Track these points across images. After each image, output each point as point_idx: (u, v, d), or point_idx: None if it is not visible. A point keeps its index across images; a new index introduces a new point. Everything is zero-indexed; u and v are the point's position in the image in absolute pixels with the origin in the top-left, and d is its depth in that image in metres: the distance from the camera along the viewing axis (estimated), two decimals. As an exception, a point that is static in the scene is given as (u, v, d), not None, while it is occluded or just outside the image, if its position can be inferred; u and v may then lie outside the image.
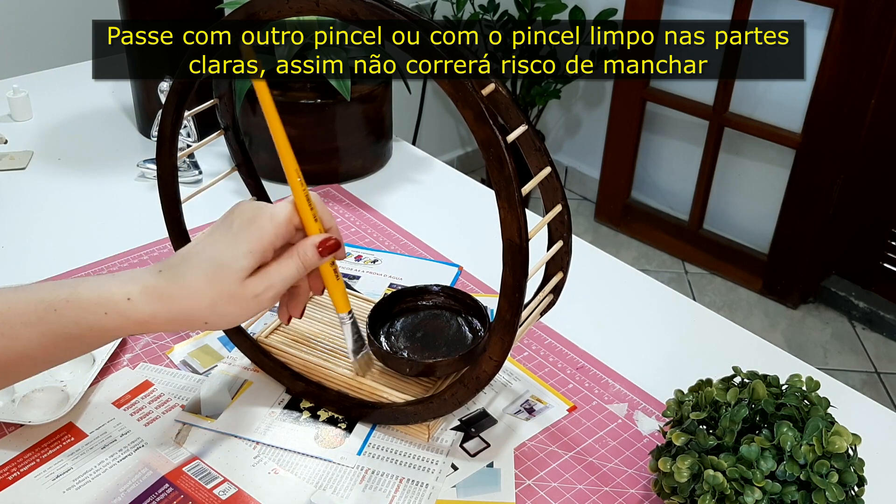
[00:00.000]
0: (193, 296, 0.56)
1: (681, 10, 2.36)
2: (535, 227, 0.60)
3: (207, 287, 0.56)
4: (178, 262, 0.58)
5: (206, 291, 0.56)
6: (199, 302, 0.56)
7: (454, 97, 0.55)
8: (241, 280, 0.57)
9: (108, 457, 0.69)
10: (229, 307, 0.57)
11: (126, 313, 0.56)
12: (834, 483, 0.56)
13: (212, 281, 0.56)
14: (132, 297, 0.56)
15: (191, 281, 0.56)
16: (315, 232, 0.61)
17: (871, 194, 2.22)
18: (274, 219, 0.59)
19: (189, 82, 0.67)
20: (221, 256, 0.57)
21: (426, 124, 2.80)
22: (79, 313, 0.55)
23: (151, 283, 0.56)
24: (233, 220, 0.59)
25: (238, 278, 0.57)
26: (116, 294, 0.56)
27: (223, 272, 0.56)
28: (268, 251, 0.58)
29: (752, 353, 0.85)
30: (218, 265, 0.56)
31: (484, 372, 0.63)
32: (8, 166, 1.14)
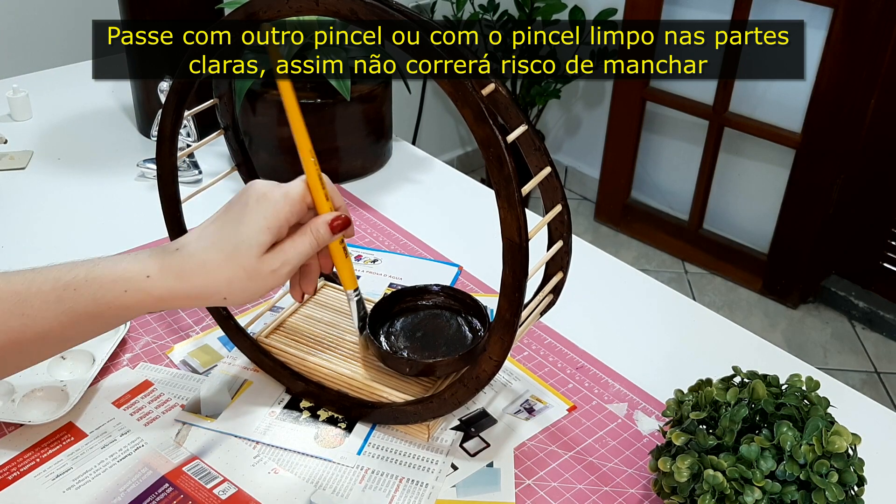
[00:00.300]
0: (212, 272, 0.58)
1: (681, 10, 2.37)
2: (535, 226, 0.60)
3: (225, 263, 0.58)
4: (194, 240, 0.59)
5: (225, 268, 0.58)
6: (217, 278, 0.58)
7: (454, 97, 0.55)
8: (259, 256, 0.58)
9: (108, 457, 0.69)
10: (247, 283, 0.58)
11: (146, 290, 0.57)
12: (834, 483, 0.56)
13: (230, 257, 0.58)
14: (151, 275, 0.57)
15: (209, 257, 0.58)
16: (327, 210, 0.63)
17: (871, 194, 2.22)
18: (288, 196, 0.60)
19: (189, 82, 0.67)
20: (238, 233, 0.58)
21: (426, 124, 2.80)
22: (98, 291, 0.57)
23: (169, 260, 0.58)
24: (248, 198, 0.60)
25: (255, 254, 0.58)
26: (135, 271, 0.57)
27: (241, 248, 0.58)
28: (283, 227, 0.60)
29: (751, 352, 0.85)
30: (236, 241, 0.58)
31: (484, 372, 0.63)
32: (8, 166, 1.14)
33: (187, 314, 0.86)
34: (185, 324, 0.84)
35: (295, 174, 1.12)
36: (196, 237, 0.59)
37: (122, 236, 0.98)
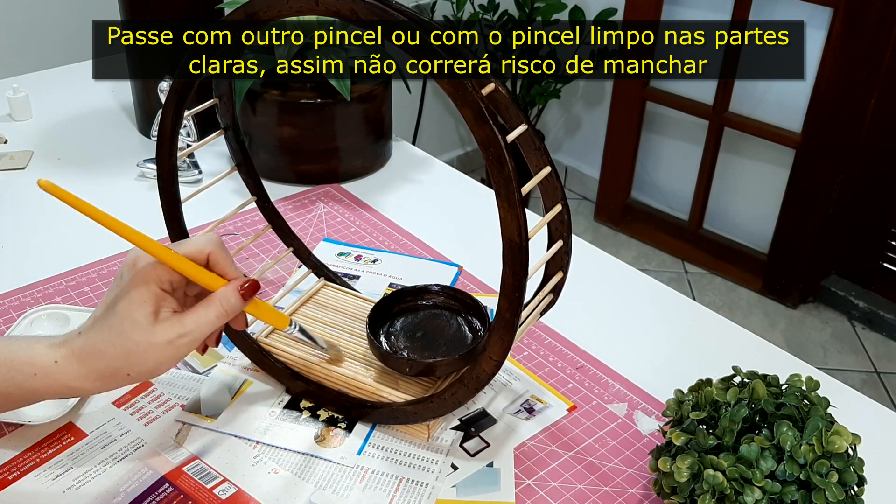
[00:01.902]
0: (108, 353, 0.56)
1: (681, 10, 2.36)
2: (535, 226, 0.60)
3: (116, 342, 0.56)
4: (92, 322, 0.58)
5: (117, 346, 0.56)
6: (114, 357, 0.56)
7: (454, 97, 0.55)
8: (147, 328, 0.56)
9: (108, 457, 0.69)
10: (145, 356, 0.56)
11: (53, 375, 0.57)
12: (834, 483, 0.56)
13: (119, 334, 0.56)
14: (58, 360, 0.57)
15: (102, 337, 0.57)
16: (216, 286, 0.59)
17: (871, 194, 2.22)
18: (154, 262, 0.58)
19: (189, 82, 0.67)
20: (120, 308, 0.57)
21: (426, 124, 2.80)
22: (9, 372, 0.57)
23: (75, 344, 0.57)
24: (122, 269, 0.59)
25: (141, 327, 0.56)
26: (45, 356, 0.57)
27: (125, 324, 0.56)
28: (159, 294, 0.57)
29: (751, 352, 0.85)
30: (119, 318, 0.56)
31: (484, 371, 0.63)
32: (8, 166, 1.14)
33: (187, 314, 0.86)
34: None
35: (295, 174, 1.13)
36: (94, 319, 0.58)
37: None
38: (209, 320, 0.58)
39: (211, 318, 0.58)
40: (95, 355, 0.56)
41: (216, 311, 0.58)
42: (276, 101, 1.07)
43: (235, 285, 0.59)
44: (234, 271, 0.60)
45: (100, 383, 0.58)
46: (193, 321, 0.57)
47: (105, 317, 0.57)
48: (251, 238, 0.82)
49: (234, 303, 0.58)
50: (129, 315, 0.56)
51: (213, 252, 0.59)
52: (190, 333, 0.57)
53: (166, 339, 0.56)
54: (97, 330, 0.57)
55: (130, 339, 0.56)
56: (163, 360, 0.57)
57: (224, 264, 0.60)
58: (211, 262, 0.59)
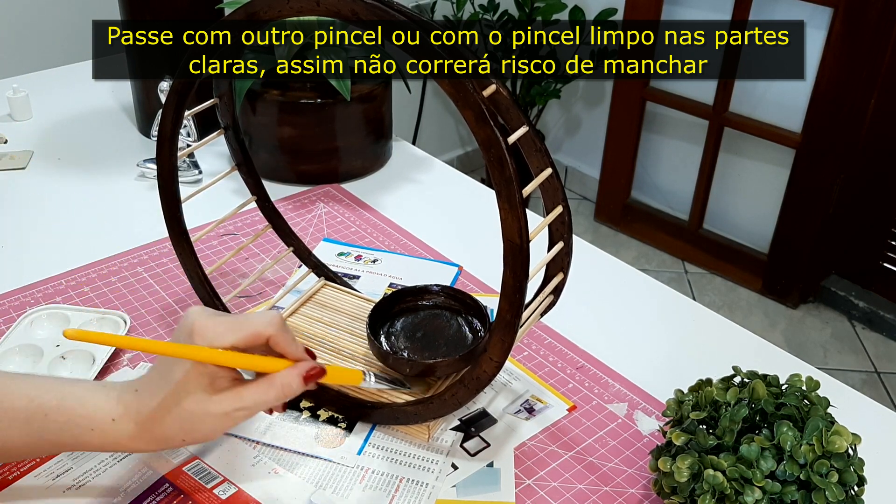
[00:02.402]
0: (164, 419, 0.57)
1: (681, 10, 2.37)
2: (536, 228, 0.60)
3: (174, 410, 0.56)
4: (148, 382, 0.58)
5: (174, 414, 0.56)
6: (170, 424, 0.57)
7: (455, 97, 0.55)
8: (205, 399, 0.56)
9: (108, 456, 0.69)
10: (200, 426, 0.57)
11: (110, 434, 0.57)
12: (834, 483, 0.56)
13: (176, 404, 0.56)
14: (116, 419, 0.57)
15: (159, 403, 0.57)
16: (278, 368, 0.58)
17: (871, 194, 2.22)
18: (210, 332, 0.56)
19: (189, 82, 0.67)
20: (176, 378, 0.56)
21: (426, 124, 2.80)
22: (66, 424, 0.57)
23: (130, 405, 0.57)
24: (181, 330, 0.57)
25: (198, 400, 0.56)
26: (103, 412, 0.57)
27: (181, 395, 0.56)
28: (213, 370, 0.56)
29: (751, 352, 0.85)
30: (176, 389, 0.56)
31: (484, 372, 0.63)
32: (8, 166, 1.14)
33: (187, 314, 0.86)
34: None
35: (295, 174, 1.12)
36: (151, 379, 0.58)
37: (122, 236, 0.98)
38: (267, 399, 0.57)
39: (269, 398, 0.57)
40: (151, 420, 0.57)
41: (276, 392, 0.57)
42: (276, 101, 1.07)
43: (300, 371, 0.58)
44: (296, 352, 0.59)
45: (154, 445, 0.58)
46: (252, 398, 0.57)
47: (161, 382, 0.57)
48: (251, 238, 0.82)
49: (295, 388, 0.58)
50: (185, 387, 0.56)
51: (274, 335, 0.58)
52: (247, 408, 0.57)
53: (223, 411, 0.56)
54: (152, 395, 0.57)
55: (186, 409, 0.56)
56: (218, 429, 0.58)
57: (285, 345, 0.58)
58: (271, 343, 0.58)
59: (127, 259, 0.94)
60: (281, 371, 0.58)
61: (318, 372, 0.59)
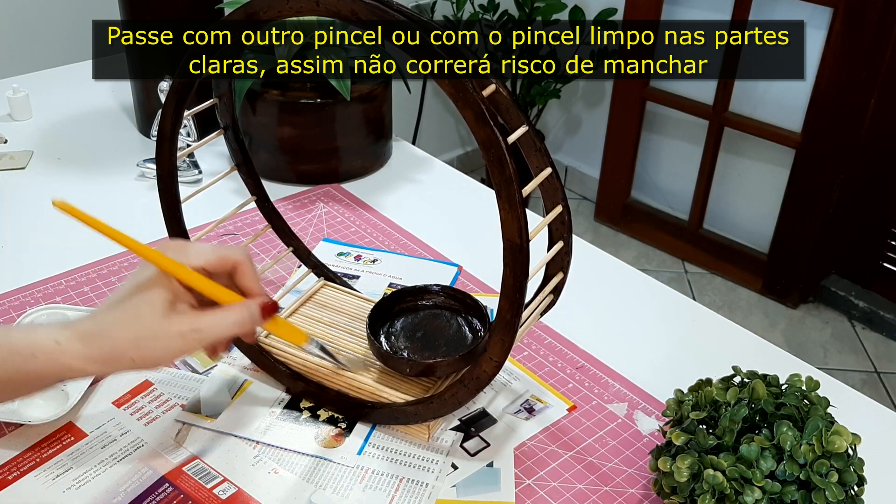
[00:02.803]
0: (117, 334, 0.56)
1: (681, 10, 2.36)
2: (536, 227, 0.60)
3: (129, 324, 0.56)
4: (103, 307, 0.58)
5: (129, 328, 0.56)
6: (123, 339, 0.56)
7: (454, 97, 0.55)
8: (163, 315, 0.56)
9: (108, 457, 0.69)
10: (154, 343, 0.57)
11: (55, 356, 0.56)
12: (834, 483, 0.56)
13: (132, 317, 0.56)
14: (60, 341, 0.56)
15: (115, 318, 0.57)
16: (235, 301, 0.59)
17: (871, 194, 2.22)
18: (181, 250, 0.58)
19: (189, 82, 0.67)
20: (137, 292, 0.57)
21: (426, 124, 2.80)
22: (8, 356, 0.56)
23: (80, 327, 0.57)
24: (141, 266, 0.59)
25: (158, 313, 0.56)
26: (46, 337, 0.56)
27: (142, 307, 0.56)
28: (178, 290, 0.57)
29: (751, 352, 0.85)
30: (136, 302, 0.57)
31: (484, 372, 0.63)
32: (8, 166, 1.14)
33: (187, 314, 0.86)
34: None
35: (295, 174, 1.12)
36: (104, 305, 0.58)
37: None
38: (225, 325, 0.58)
39: (228, 324, 0.58)
40: (103, 336, 0.56)
41: (235, 318, 0.58)
42: (276, 101, 1.07)
43: (259, 302, 0.59)
44: (258, 288, 0.60)
45: (101, 366, 0.57)
46: (209, 321, 0.58)
47: (119, 302, 0.57)
48: (251, 238, 0.82)
49: (255, 317, 0.59)
50: (147, 300, 0.56)
51: (242, 263, 0.60)
52: (203, 331, 0.57)
53: (179, 331, 0.57)
54: (109, 312, 0.57)
55: (144, 323, 0.56)
56: (171, 351, 0.57)
57: (249, 278, 0.60)
58: (238, 273, 0.60)
59: (127, 259, 0.94)
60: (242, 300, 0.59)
61: (273, 305, 0.60)
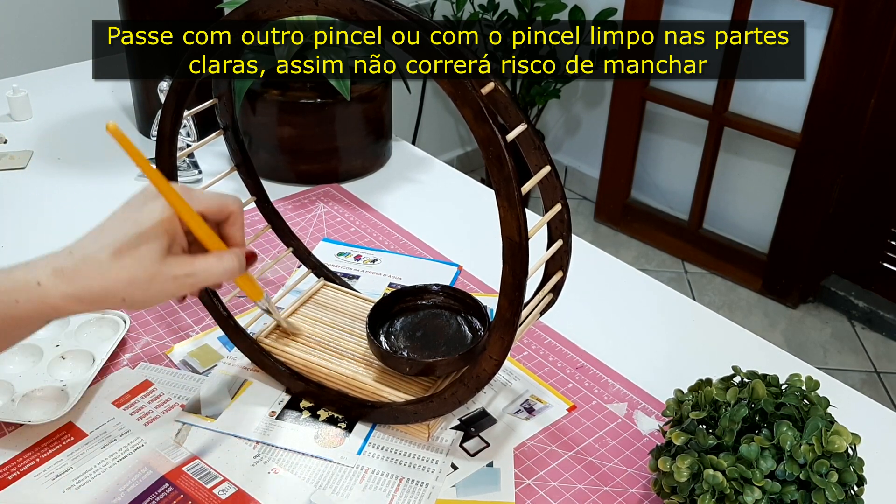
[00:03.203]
0: (108, 273, 0.54)
1: (681, 10, 2.36)
2: (535, 226, 0.60)
3: (123, 263, 0.54)
4: (89, 241, 0.56)
5: (123, 268, 0.54)
6: (115, 278, 0.54)
7: (454, 96, 0.55)
8: (159, 258, 0.55)
9: (108, 457, 0.69)
10: (147, 285, 0.55)
11: (38, 298, 0.54)
12: (833, 482, 0.56)
13: (128, 257, 0.54)
14: (42, 282, 0.54)
15: (105, 257, 0.55)
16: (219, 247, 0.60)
17: (871, 194, 2.22)
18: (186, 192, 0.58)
19: (189, 82, 0.67)
20: (135, 232, 0.55)
21: (426, 124, 2.80)
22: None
23: (62, 263, 0.55)
24: (143, 196, 0.58)
25: (155, 256, 0.55)
26: (25, 280, 0.54)
27: (140, 248, 0.55)
28: (178, 230, 0.57)
29: (751, 352, 0.85)
30: (133, 241, 0.55)
31: (484, 371, 0.63)
32: (8, 166, 1.14)
33: (187, 313, 0.86)
34: (185, 324, 0.84)
35: (295, 174, 1.12)
36: (89, 239, 0.56)
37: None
38: (217, 271, 0.58)
39: (220, 270, 0.58)
40: (93, 275, 0.54)
41: (226, 265, 0.58)
42: (276, 101, 1.07)
43: (245, 251, 0.61)
44: (242, 238, 0.62)
45: (88, 305, 0.56)
46: (203, 266, 0.57)
47: (115, 237, 0.55)
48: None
49: (242, 266, 0.60)
50: (147, 241, 0.55)
51: (235, 213, 0.61)
52: (197, 275, 0.57)
53: (174, 274, 0.56)
54: (102, 248, 0.55)
55: (140, 263, 0.55)
56: (164, 294, 0.57)
57: (237, 227, 0.61)
58: (229, 221, 0.61)
59: (127, 259, 0.94)
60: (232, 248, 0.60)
61: (252, 255, 0.63)
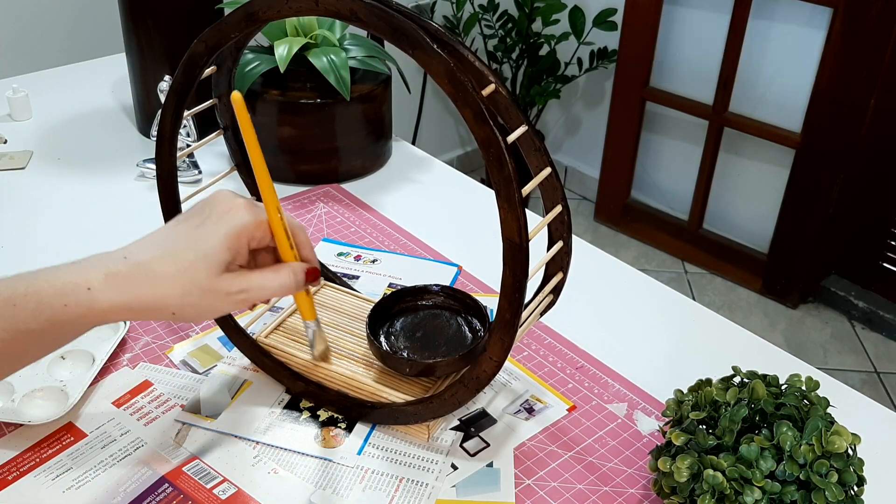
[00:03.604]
0: (163, 284, 0.53)
1: (681, 10, 2.37)
2: (536, 227, 0.60)
3: (179, 276, 0.54)
4: (146, 248, 0.55)
5: (178, 281, 0.54)
6: (168, 291, 0.54)
7: (454, 97, 0.55)
8: (217, 274, 0.54)
9: (108, 457, 0.69)
10: (200, 300, 0.54)
11: (87, 304, 0.52)
12: (833, 483, 0.56)
13: (185, 271, 0.54)
14: (92, 287, 0.52)
15: (160, 268, 0.54)
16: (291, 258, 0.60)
17: (871, 194, 2.22)
18: (258, 217, 0.58)
19: (188, 82, 0.67)
20: (197, 245, 0.54)
21: (426, 124, 2.80)
22: (38, 306, 0.51)
23: (115, 268, 0.53)
24: (212, 208, 0.57)
25: (214, 271, 0.54)
26: (75, 283, 0.52)
27: (198, 263, 0.54)
28: (244, 248, 0.57)
29: (751, 352, 0.85)
30: (193, 254, 0.54)
31: (484, 372, 0.63)
32: (8, 166, 1.14)
33: (187, 314, 0.86)
34: (185, 324, 0.84)
35: (295, 174, 1.12)
36: (146, 245, 0.55)
37: (121, 236, 0.97)
38: (273, 287, 0.58)
39: (275, 286, 0.58)
40: (146, 284, 0.53)
41: (282, 281, 0.58)
42: (276, 101, 1.07)
43: (304, 266, 0.60)
44: (312, 256, 0.62)
45: (137, 314, 0.54)
46: (259, 282, 0.57)
47: (175, 250, 0.54)
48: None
49: (300, 279, 0.59)
50: (207, 256, 0.54)
51: (300, 234, 0.61)
52: (251, 291, 0.56)
53: (227, 290, 0.55)
54: (158, 261, 0.54)
55: (195, 278, 0.54)
56: (216, 310, 0.56)
57: (306, 244, 0.61)
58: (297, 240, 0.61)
59: (127, 259, 0.94)
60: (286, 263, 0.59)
61: (315, 272, 0.61)
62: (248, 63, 1.05)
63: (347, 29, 1.12)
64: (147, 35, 1.13)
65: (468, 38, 2.60)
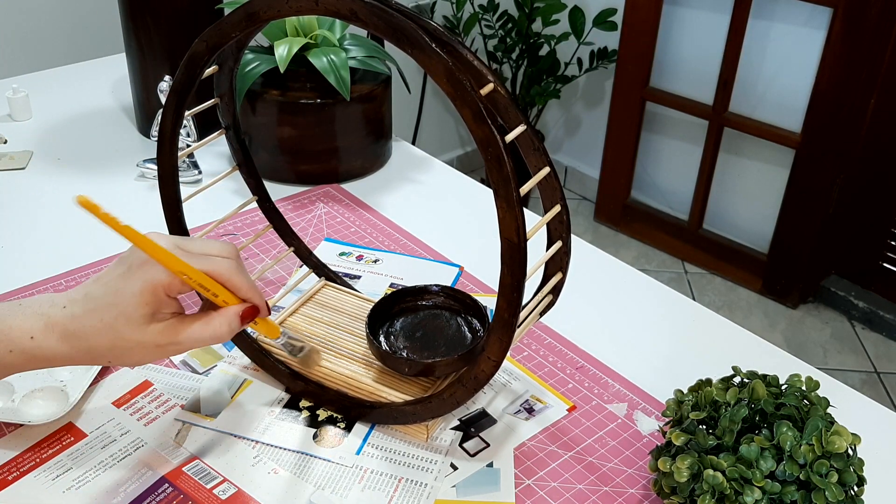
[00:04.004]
0: (94, 337, 0.55)
1: (681, 10, 2.37)
2: (534, 227, 0.60)
3: (106, 331, 0.55)
4: (80, 299, 0.57)
5: (106, 335, 0.55)
6: (100, 344, 0.56)
7: (453, 96, 0.55)
8: (141, 327, 0.55)
9: (107, 457, 0.69)
10: (130, 353, 0.56)
11: (30, 351, 0.56)
12: (833, 483, 0.56)
13: (110, 327, 0.55)
14: (35, 336, 0.56)
15: (90, 323, 0.55)
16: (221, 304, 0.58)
17: (871, 194, 2.22)
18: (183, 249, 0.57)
19: (189, 82, 0.67)
20: (115, 301, 0.55)
21: (426, 124, 2.80)
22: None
23: (55, 319, 0.56)
24: (131, 261, 0.57)
25: (135, 326, 0.55)
26: (20, 331, 0.56)
27: (119, 319, 0.55)
28: (162, 300, 0.56)
29: (751, 352, 0.85)
30: (114, 310, 0.55)
31: (482, 372, 0.63)
32: (8, 166, 1.14)
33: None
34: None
35: (295, 174, 1.12)
36: (82, 296, 0.57)
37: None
38: (205, 338, 0.57)
39: (205, 336, 0.57)
40: (80, 338, 0.56)
41: (213, 331, 0.57)
42: (276, 101, 1.07)
43: (238, 310, 0.58)
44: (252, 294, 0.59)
45: (78, 362, 0.57)
46: (188, 335, 0.57)
47: (99, 304, 0.56)
48: (251, 238, 0.82)
49: (233, 326, 0.58)
50: (126, 312, 0.55)
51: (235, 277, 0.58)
52: (181, 344, 0.57)
53: (156, 343, 0.56)
54: (87, 315, 0.56)
55: (120, 334, 0.55)
56: (147, 360, 0.57)
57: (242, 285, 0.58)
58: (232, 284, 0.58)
59: (127, 259, 0.94)
60: (219, 311, 0.58)
61: (253, 311, 0.59)
62: (248, 63, 1.05)
63: (347, 29, 1.12)
64: (147, 35, 1.13)
65: (468, 38, 2.60)
